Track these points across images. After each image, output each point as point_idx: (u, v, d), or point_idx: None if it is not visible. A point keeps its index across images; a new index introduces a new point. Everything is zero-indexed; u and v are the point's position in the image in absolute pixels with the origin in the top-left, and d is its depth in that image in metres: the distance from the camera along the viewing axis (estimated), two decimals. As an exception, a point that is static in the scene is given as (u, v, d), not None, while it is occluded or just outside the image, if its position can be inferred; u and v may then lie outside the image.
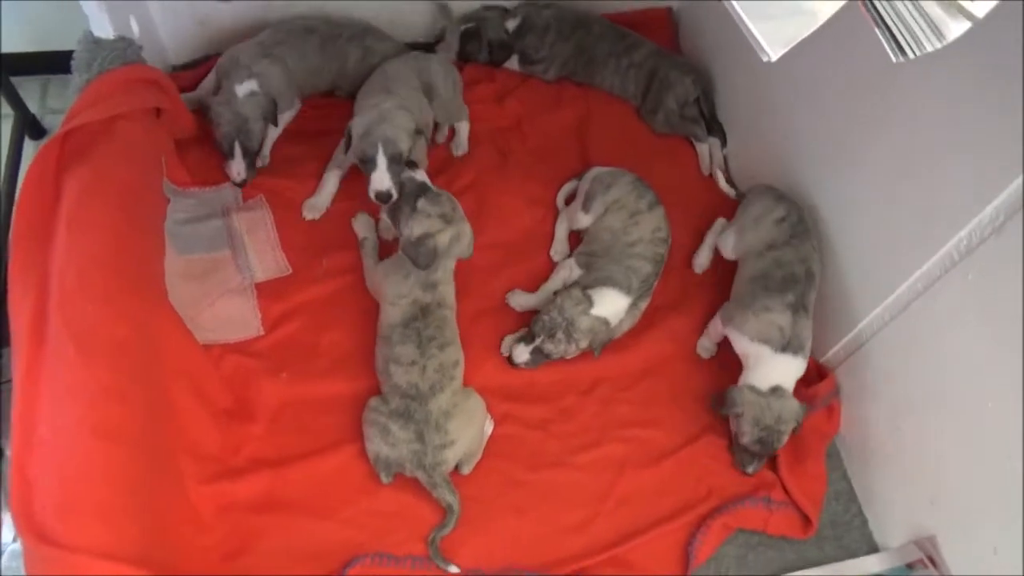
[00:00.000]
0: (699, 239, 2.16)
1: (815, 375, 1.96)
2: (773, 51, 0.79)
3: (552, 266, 2.11)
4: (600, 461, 1.87)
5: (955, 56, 1.39)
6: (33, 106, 2.39)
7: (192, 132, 2.12)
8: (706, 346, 2.02)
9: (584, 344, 1.89)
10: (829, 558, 1.79)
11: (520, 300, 2.05)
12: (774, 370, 1.80)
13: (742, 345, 1.86)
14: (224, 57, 2.15)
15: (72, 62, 1.90)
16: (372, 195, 1.93)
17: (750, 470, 1.83)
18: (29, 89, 2.41)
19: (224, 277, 1.97)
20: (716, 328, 1.97)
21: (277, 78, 2.12)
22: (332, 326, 1.96)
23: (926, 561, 1.65)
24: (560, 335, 1.86)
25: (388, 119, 1.94)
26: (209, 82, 2.19)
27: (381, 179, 1.92)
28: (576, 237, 2.15)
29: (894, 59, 0.80)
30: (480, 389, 1.86)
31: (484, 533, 1.75)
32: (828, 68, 1.79)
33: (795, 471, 1.84)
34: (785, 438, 1.79)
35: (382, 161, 1.91)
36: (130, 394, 1.56)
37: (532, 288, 2.07)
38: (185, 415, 1.72)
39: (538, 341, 1.88)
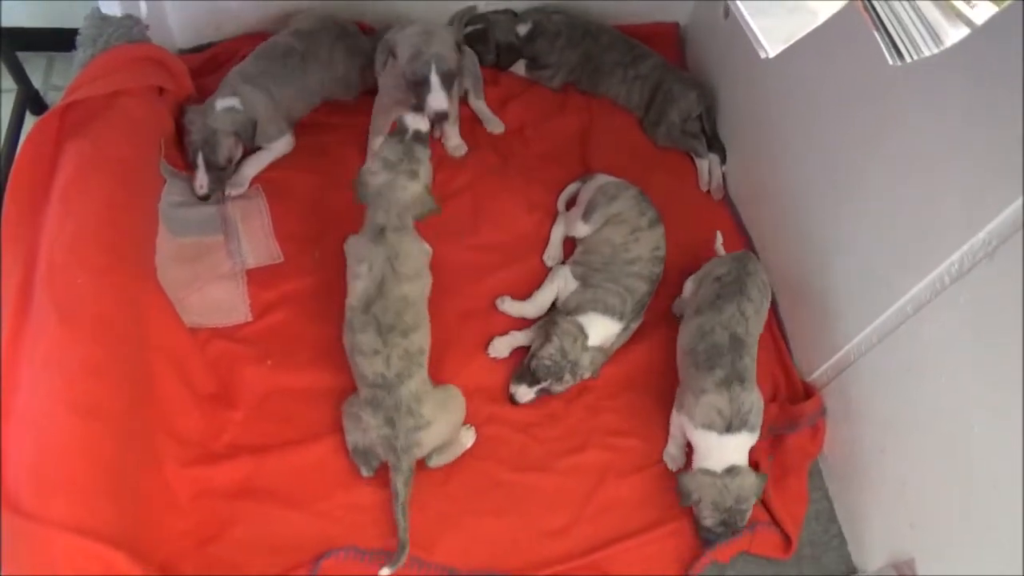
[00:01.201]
0: (691, 255, 2.13)
1: (802, 394, 1.96)
2: (771, 48, 0.80)
3: (545, 271, 2.11)
4: (582, 467, 1.86)
5: (954, 83, 1.41)
6: (37, 82, 2.39)
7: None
8: (673, 455, 1.87)
9: (588, 376, 1.90)
10: (807, 577, 1.78)
11: (511, 307, 2.03)
12: (726, 452, 1.73)
13: (691, 432, 1.78)
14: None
15: (77, 38, 1.90)
16: (430, 115, 1.94)
17: (720, 543, 1.76)
18: (34, 65, 2.42)
19: (215, 261, 1.96)
20: (677, 423, 1.86)
21: (261, 104, 2.08)
22: (320, 317, 1.95)
23: (904, 584, 1.64)
24: (567, 377, 1.85)
25: (436, 36, 1.94)
26: None
27: (438, 99, 1.93)
28: (571, 243, 2.14)
29: (891, 61, 0.81)
30: (465, 390, 1.84)
31: (462, 532, 1.74)
32: (828, 91, 1.81)
33: (777, 490, 1.83)
34: (749, 514, 1.73)
35: (435, 80, 1.92)
36: (112, 371, 1.55)
37: (521, 291, 2.06)
38: (168, 397, 1.71)
39: (545, 384, 1.87)
